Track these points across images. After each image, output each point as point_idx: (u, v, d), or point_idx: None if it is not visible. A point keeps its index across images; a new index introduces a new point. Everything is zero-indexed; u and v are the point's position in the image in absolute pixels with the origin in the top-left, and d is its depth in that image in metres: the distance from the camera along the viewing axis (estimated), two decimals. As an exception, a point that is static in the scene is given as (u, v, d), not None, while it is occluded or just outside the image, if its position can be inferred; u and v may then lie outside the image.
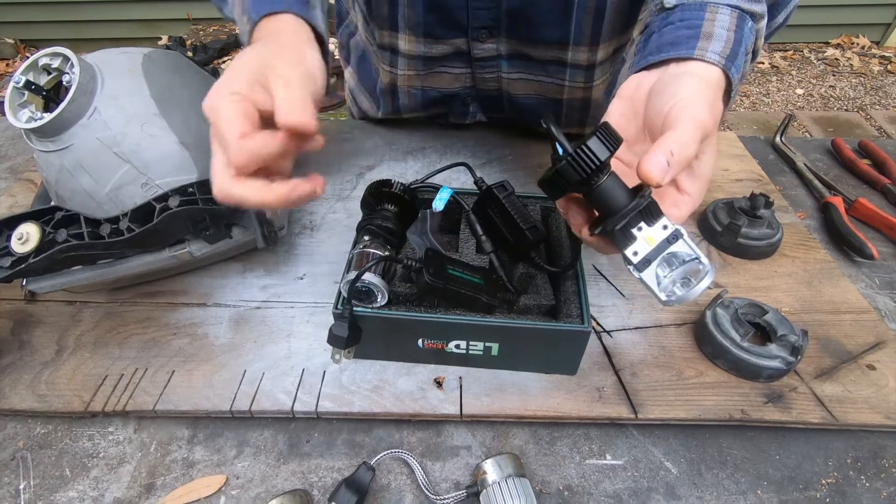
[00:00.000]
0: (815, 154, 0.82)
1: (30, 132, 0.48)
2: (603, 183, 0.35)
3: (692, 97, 0.36)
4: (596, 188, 0.35)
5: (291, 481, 0.43)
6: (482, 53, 0.67)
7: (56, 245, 0.46)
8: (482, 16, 0.62)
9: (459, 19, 0.63)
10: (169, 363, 0.50)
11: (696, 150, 0.35)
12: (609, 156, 0.34)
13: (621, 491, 0.43)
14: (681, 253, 0.35)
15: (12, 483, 0.43)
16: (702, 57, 0.39)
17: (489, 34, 0.64)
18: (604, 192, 0.35)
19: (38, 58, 0.49)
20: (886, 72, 2.94)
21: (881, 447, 0.46)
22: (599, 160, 0.33)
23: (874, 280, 0.61)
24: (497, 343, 0.47)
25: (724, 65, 0.39)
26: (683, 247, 0.35)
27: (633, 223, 0.35)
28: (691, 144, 0.34)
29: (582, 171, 0.33)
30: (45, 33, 2.98)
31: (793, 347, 0.48)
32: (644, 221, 0.35)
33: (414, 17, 0.63)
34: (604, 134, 0.33)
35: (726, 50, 0.39)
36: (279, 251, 0.62)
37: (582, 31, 0.62)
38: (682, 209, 0.38)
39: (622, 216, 0.35)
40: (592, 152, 0.33)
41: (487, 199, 0.51)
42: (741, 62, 0.41)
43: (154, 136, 0.48)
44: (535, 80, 0.70)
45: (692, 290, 0.35)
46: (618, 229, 0.35)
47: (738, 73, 0.40)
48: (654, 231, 0.35)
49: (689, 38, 0.40)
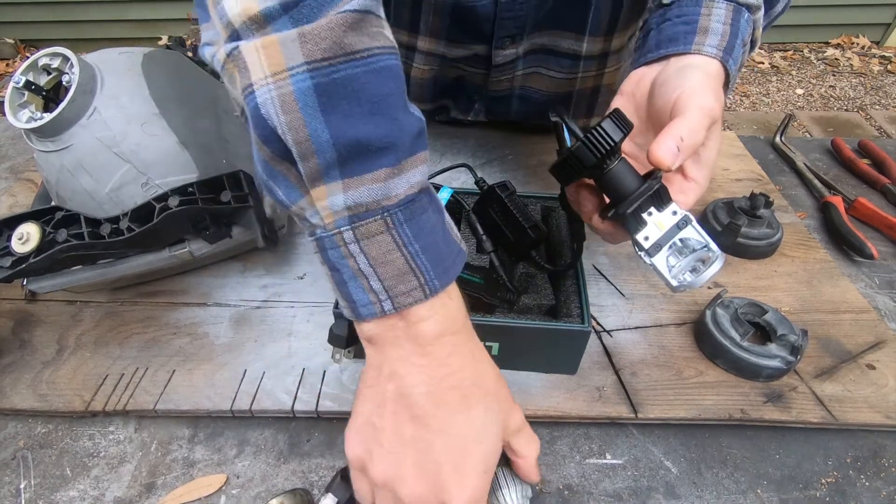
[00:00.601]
0: (814, 154, 0.82)
1: (30, 132, 0.48)
2: (615, 166, 0.36)
3: (698, 86, 0.37)
4: (608, 171, 0.36)
5: (292, 481, 0.43)
6: (502, 59, 0.66)
7: (56, 245, 0.46)
8: (508, 26, 0.62)
9: (484, 30, 0.63)
10: (169, 363, 0.50)
11: (703, 136, 0.36)
12: (622, 137, 0.34)
13: (621, 490, 0.43)
14: (691, 240, 0.36)
15: (13, 482, 0.43)
16: (699, 51, 0.40)
17: (511, 41, 0.64)
18: (616, 176, 0.36)
19: (37, 58, 0.49)
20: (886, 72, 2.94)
21: (881, 446, 0.46)
22: (614, 141, 0.34)
23: (874, 280, 0.61)
24: (497, 342, 0.47)
25: (722, 57, 0.40)
26: (692, 233, 0.36)
27: (644, 207, 0.35)
28: (700, 131, 0.35)
29: (597, 151, 0.34)
30: (45, 33, 2.98)
31: (792, 347, 0.48)
32: (654, 206, 0.36)
33: (438, 23, 0.63)
34: (616, 118, 0.34)
35: (723, 43, 0.40)
36: (279, 251, 0.62)
37: (599, 24, 0.63)
38: (688, 195, 0.38)
39: (634, 199, 0.35)
40: (607, 133, 0.34)
41: (489, 198, 0.51)
42: (738, 54, 0.41)
43: (154, 136, 0.49)
44: (547, 75, 0.70)
45: (701, 275, 0.35)
46: (629, 213, 0.35)
47: (735, 65, 0.41)
48: (663, 216, 0.36)
49: (686, 34, 0.41)
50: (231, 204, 0.49)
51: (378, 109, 0.29)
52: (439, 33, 0.65)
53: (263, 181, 0.33)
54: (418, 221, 0.31)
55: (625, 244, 0.62)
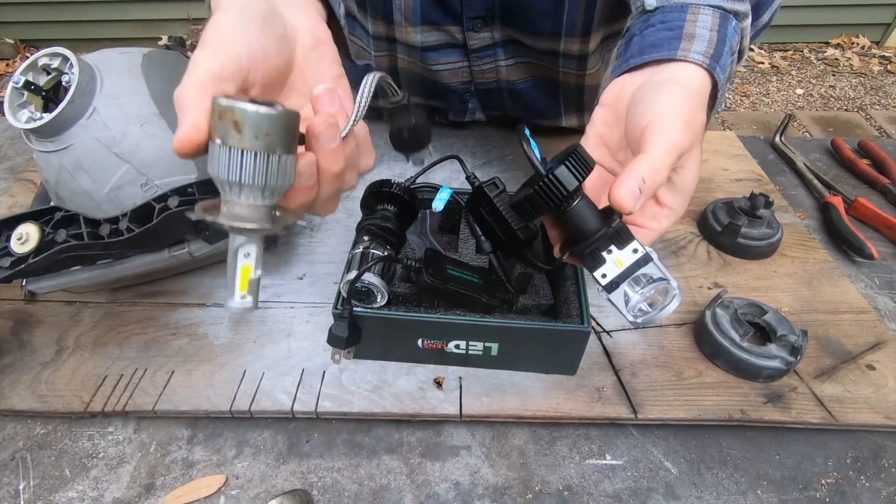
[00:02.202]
0: (814, 154, 0.82)
1: (29, 132, 0.48)
2: (573, 208, 0.35)
3: (669, 114, 0.35)
4: (566, 213, 0.35)
5: (291, 481, 0.43)
6: (478, 43, 0.67)
7: (55, 245, 0.46)
8: (476, 5, 0.63)
9: (454, 8, 0.64)
10: (168, 363, 0.50)
11: (667, 175, 0.35)
12: (578, 185, 0.34)
13: (621, 491, 0.43)
14: (650, 273, 0.35)
15: (12, 483, 0.43)
16: (685, 58, 0.38)
17: (483, 23, 0.65)
18: (574, 217, 0.35)
19: (37, 58, 0.49)
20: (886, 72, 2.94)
21: (881, 447, 0.46)
22: (567, 190, 0.33)
23: (874, 280, 0.61)
24: (497, 343, 0.47)
25: (709, 65, 0.38)
26: (653, 269, 0.35)
27: (603, 247, 0.35)
28: (662, 171, 0.34)
29: (550, 200, 0.34)
30: (45, 33, 2.98)
31: (792, 347, 0.47)
32: (614, 245, 0.35)
33: (411, 4, 0.64)
34: (574, 161, 0.33)
35: (710, 50, 0.38)
36: (279, 251, 0.62)
37: (574, 23, 0.62)
38: (661, 222, 0.38)
39: (591, 242, 0.35)
40: (560, 182, 0.33)
41: (478, 196, 0.51)
42: (726, 62, 0.40)
43: (153, 137, 0.48)
44: (531, 63, 0.70)
45: (661, 311, 0.35)
46: (587, 253, 0.35)
47: (723, 74, 0.39)
48: (623, 254, 0.35)
49: (671, 40, 0.39)
50: (230, 204, 0.49)
51: None
52: (411, 17, 0.65)
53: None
54: None
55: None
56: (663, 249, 0.62)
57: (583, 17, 0.62)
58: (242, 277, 0.32)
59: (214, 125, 0.26)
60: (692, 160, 0.37)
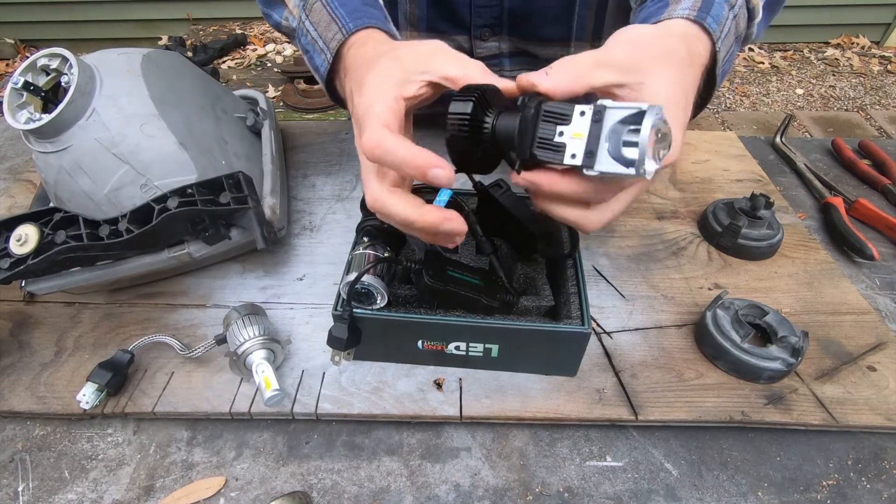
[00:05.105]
0: (815, 154, 0.82)
1: (28, 133, 0.48)
2: (494, 125, 0.34)
3: (616, 36, 0.36)
4: (491, 135, 0.34)
5: (291, 483, 0.43)
6: (484, 52, 0.66)
7: (55, 246, 0.46)
8: (484, 14, 0.62)
9: (462, 17, 0.63)
10: (168, 365, 0.50)
11: (584, 79, 0.34)
12: (472, 104, 0.33)
13: (622, 493, 0.43)
14: (619, 117, 0.30)
15: (11, 485, 0.43)
16: (669, 16, 0.38)
17: (491, 32, 0.64)
18: (500, 133, 0.34)
19: (36, 58, 0.48)
20: (886, 72, 2.94)
21: (882, 449, 0.46)
22: (468, 115, 0.33)
23: (875, 281, 0.61)
24: (497, 344, 0.47)
25: (696, 16, 0.37)
26: (616, 114, 0.30)
27: (547, 133, 0.31)
28: (575, 68, 0.35)
29: (461, 130, 0.33)
30: (45, 33, 2.98)
31: (793, 349, 0.47)
32: (555, 123, 0.31)
33: (417, 12, 0.63)
34: (459, 93, 0.34)
35: (697, 4, 0.38)
36: (279, 252, 0.62)
37: (584, 27, 0.62)
38: (553, 72, 0.35)
39: (531, 137, 0.32)
40: (456, 113, 0.33)
41: (485, 199, 0.51)
42: (720, 13, 0.39)
43: (153, 137, 0.48)
44: None
45: (649, 132, 0.29)
46: (536, 150, 0.32)
47: (717, 24, 0.38)
48: (575, 125, 0.30)
49: (659, 10, 0.40)
50: (230, 205, 0.49)
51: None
52: (417, 24, 0.65)
53: (263, 11, 0.55)
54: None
55: (625, 244, 0.62)
56: (664, 250, 0.62)
57: (593, 20, 0.62)
58: (266, 385, 0.44)
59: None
60: (652, 76, 0.34)
